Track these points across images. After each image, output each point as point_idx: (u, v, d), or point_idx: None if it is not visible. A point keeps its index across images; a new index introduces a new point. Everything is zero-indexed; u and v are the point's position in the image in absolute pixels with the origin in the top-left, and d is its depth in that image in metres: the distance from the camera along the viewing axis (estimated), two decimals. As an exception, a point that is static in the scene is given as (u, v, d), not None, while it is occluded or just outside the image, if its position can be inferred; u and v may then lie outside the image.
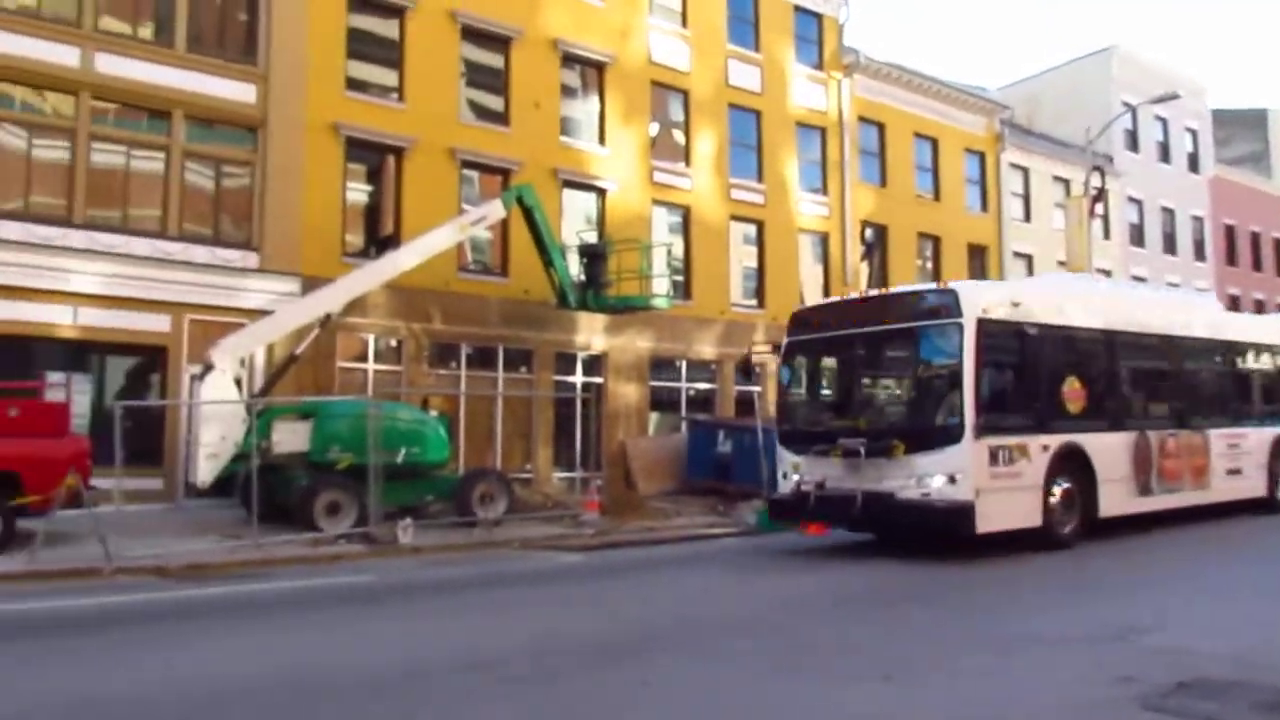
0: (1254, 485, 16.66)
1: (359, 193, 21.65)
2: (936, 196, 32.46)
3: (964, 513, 11.75)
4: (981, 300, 12.54)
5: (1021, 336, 12.81)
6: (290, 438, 15.95)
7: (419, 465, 16.52)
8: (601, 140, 24.85)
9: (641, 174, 25.36)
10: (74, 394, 16.16)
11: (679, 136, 26.59)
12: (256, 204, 19.73)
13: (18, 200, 17.62)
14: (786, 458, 13.62)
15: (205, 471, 15.43)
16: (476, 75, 23.15)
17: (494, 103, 23.35)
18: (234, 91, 19.51)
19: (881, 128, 31.13)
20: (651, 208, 25.50)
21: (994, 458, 12.13)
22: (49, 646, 8.03)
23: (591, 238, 23.65)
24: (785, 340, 14.14)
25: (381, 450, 15.34)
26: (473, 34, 22.87)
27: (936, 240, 32.24)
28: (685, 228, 26.25)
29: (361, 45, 21.41)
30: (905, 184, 31.62)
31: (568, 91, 24.56)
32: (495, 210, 20.01)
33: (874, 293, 14.11)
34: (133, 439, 14.89)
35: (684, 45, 26.52)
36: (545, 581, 12.03)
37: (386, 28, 21.84)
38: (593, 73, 25.01)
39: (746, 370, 17.38)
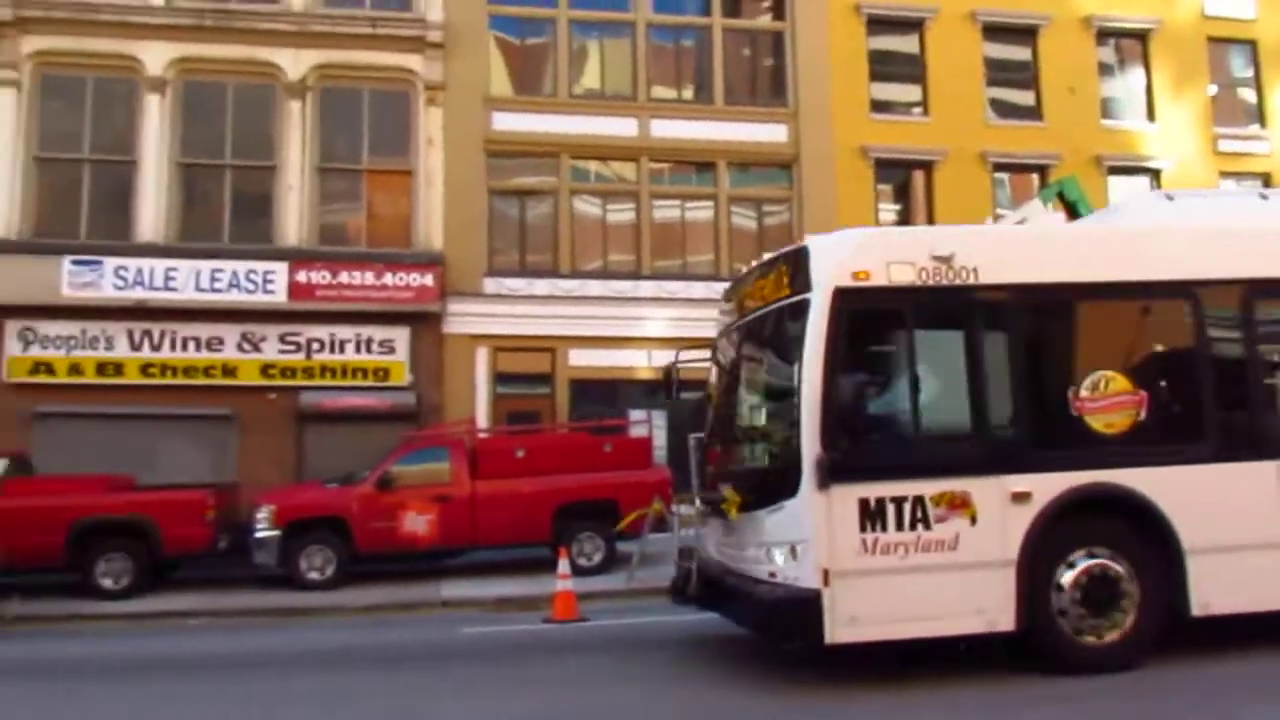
0: None
1: (889, 212, 21.74)
2: None
3: (799, 608, 7.25)
4: (855, 258, 7.77)
5: (950, 310, 7.97)
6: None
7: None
8: (1150, 116, 22.47)
9: (1203, 145, 22.49)
10: (653, 429, 18.06)
11: (1246, 95, 23.22)
12: (796, 238, 20.60)
13: (597, 260, 20.19)
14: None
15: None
16: (1001, 73, 22.17)
17: (1022, 98, 22.20)
18: (768, 134, 20.65)
19: None
20: (1219, 180, 22.51)
21: (873, 516, 7.43)
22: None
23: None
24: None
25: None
26: (995, 31, 21.97)
27: None
28: (1264, 199, 22.78)
29: (882, 66, 21.54)
30: None
31: (1105, 70, 22.58)
32: (1034, 210, 18.87)
33: (758, 261, 9.12)
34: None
35: (1245, -10, 23.15)
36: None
37: (905, 43, 21.77)
38: (1133, 44, 22.74)
39: None
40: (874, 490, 7.41)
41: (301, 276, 18.13)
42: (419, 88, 19.32)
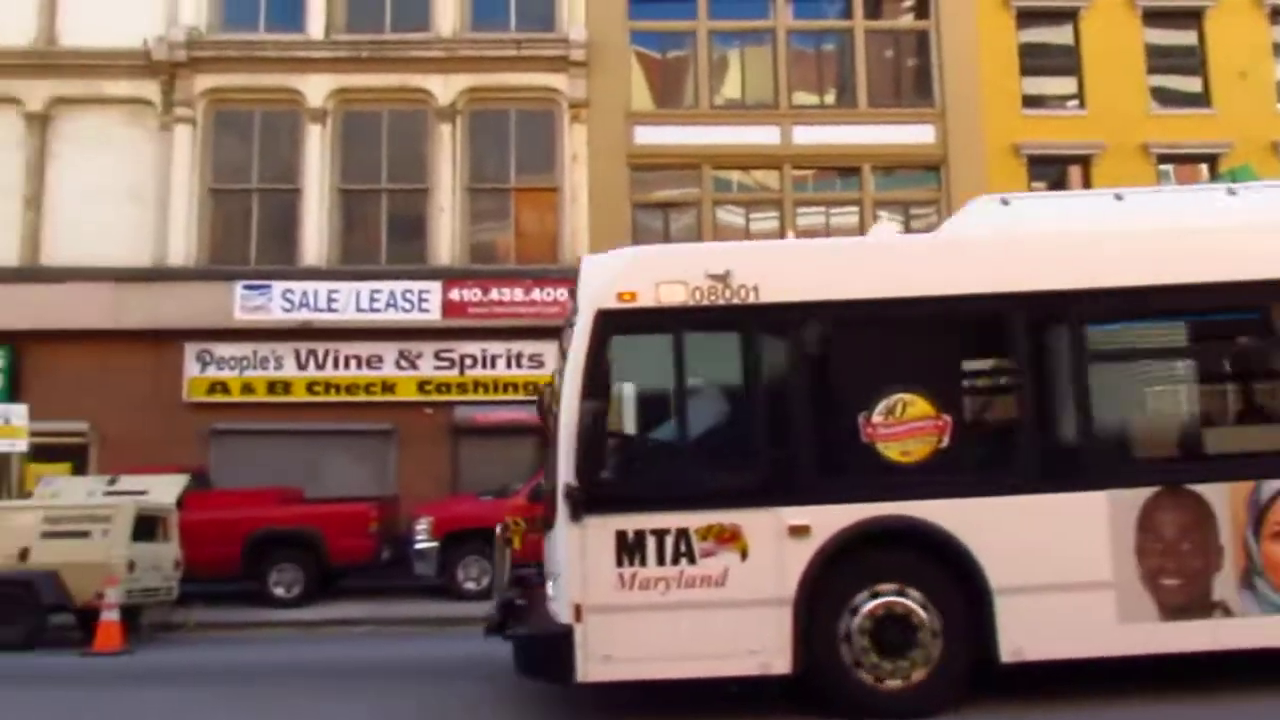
0: None
1: (1046, 210, 20.93)
2: None
3: (550, 643, 6.97)
4: (620, 278, 7.38)
5: (738, 329, 7.46)
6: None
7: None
8: (1333, 97, 20.97)
9: (1394, 127, 20.84)
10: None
11: None
12: (945, 239, 20.11)
13: (742, 270, 20.12)
14: None
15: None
16: (1163, 59, 21.04)
17: (1187, 84, 21.02)
18: (914, 135, 20.16)
19: None
20: None
21: (631, 549, 7.00)
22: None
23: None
24: None
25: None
26: (1156, 15, 20.88)
27: None
28: None
29: (1033, 59, 20.76)
30: None
31: (1280, 51, 21.22)
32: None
33: None
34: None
35: None
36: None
37: (1059, 35, 20.92)
38: (1311, 22, 21.27)
39: None
40: (633, 522, 7.01)
41: (454, 294, 18.69)
42: (563, 106, 19.67)
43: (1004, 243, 7.83)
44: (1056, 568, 7.07)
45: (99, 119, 19.37)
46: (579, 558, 6.99)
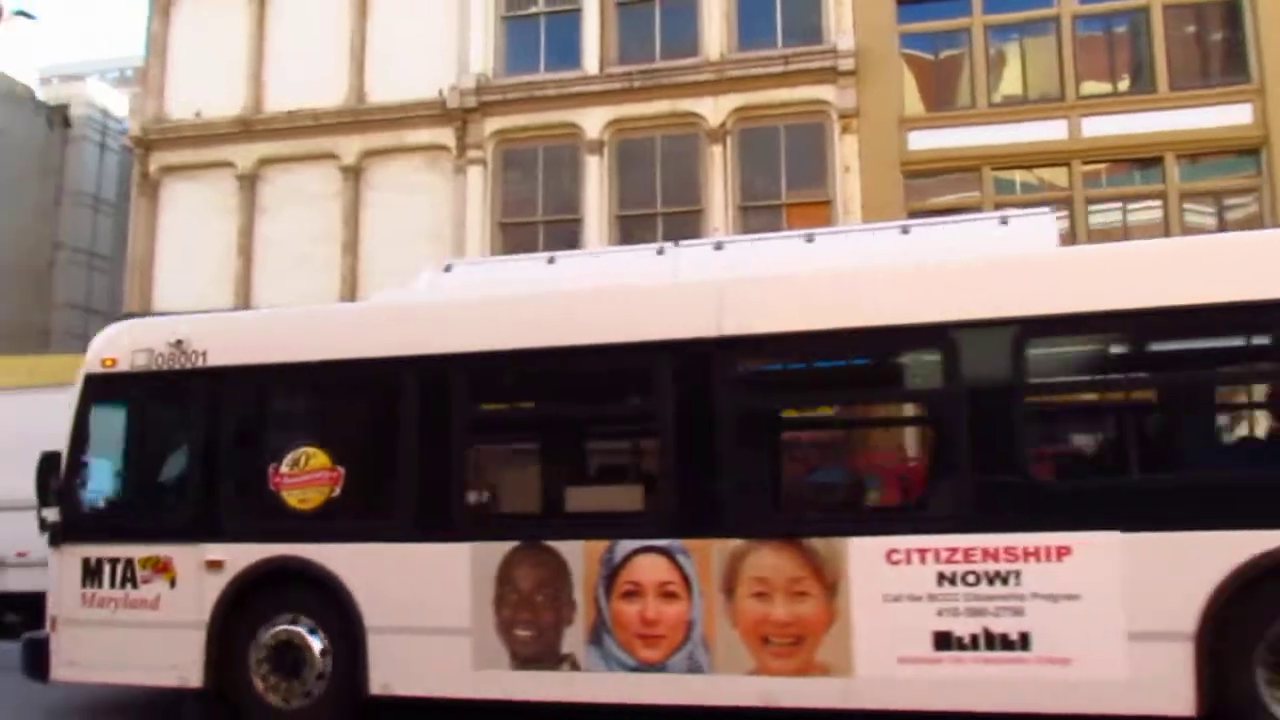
0: (1115, 678, 6.96)
1: (1392, 189, 18.39)
2: None
3: (34, 648, 9.01)
4: (105, 346, 9.31)
5: (173, 393, 9.06)
6: None
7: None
8: None
9: None
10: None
11: None
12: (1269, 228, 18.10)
13: (1030, 274, 19.02)
14: None
15: None
16: None
17: None
18: (1225, 117, 18.26)
19: None
20: None
21: (92, 573, 8.85)
22: None
23: None
24: None
25: None
26: None
27: None
28: None
29: (1370, 19, 18.36)
30: None
31: None
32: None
33: None
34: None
35: None
36: None
37: (1400, -12, 18.39)
38: None
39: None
40: (94, 551, 8.82)
41: (730, 313, 18.85)
42: (833, 117, 19.42)
43: (408, 309, 9.03)
44: (423, 612, 8.11)
45: (402, 166, 21.13)
46: (57, 579, 8.94)
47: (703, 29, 20.03)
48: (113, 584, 8.84)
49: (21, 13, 28.31)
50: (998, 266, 7.77)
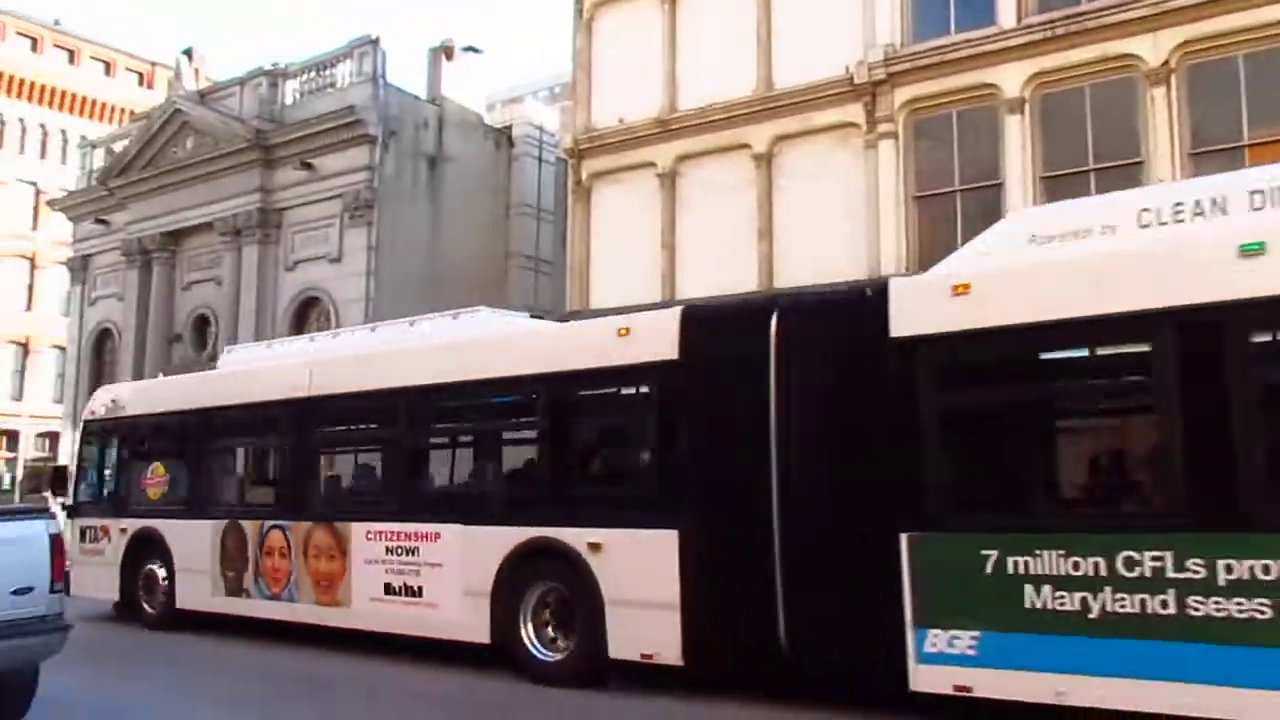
0: (458, 620, 11.12)
1: None
2: None
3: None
4: (91, 402, 16.96)
5: (112, 431, 16.02)
6: None
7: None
8: None
9: None
10: None
11: None
12: None
13: None
14: None
15: None
16: None
17: None
18: None
19: None
20: None
21: (84, 535, 15.82)
22: None
23: None
24: None
25: None
26: None
27: None
28: None
29: None
30: None
31: None
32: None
33: None
34: None
35: None
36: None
37: None
38: None
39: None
40: (84, 523, 16.03)
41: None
42: (1308, 37, 16.64)
43: (196, 379, 17.16)
44: (194, 560, 14.34)
45: (812, 149, 21.12)
46: (70, 539, 14.66)
47: (1137, -41, 18.01)
48: (91, 541, 15.62)
49: (470, 48, 31.74)
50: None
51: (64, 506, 16.03)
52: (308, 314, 29.29)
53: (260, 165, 29.81)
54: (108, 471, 16.11)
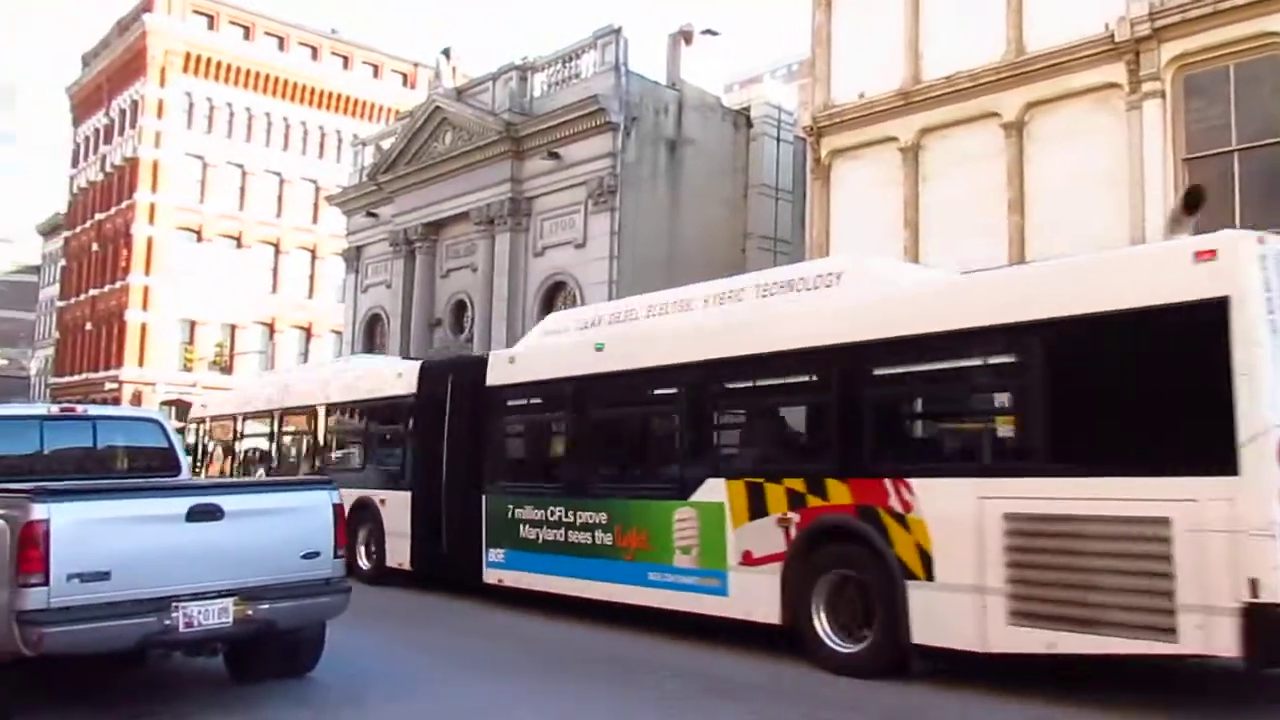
0: None
1: None
2: None
3: None
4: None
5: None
6: None
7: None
8: None
9: None
10: None
11: None
12: None
13: None
14: None
15: None
16: None
17: None
18: None
19: None
20: None
21: None
22: None
23: None
24: None
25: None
26: None
27: None
28: None
29: None
30: None
31: None
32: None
33: None
34: None
35: None
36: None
37: None
38: None
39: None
40: None
41: None
42: None
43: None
44: None
45: (1067, 114, 19.94)
46: None
47: None
48: None
49: (708, 31, 32.00)
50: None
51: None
52: (555, 298, 30.60)
53: (511, 156, 31.36)
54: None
